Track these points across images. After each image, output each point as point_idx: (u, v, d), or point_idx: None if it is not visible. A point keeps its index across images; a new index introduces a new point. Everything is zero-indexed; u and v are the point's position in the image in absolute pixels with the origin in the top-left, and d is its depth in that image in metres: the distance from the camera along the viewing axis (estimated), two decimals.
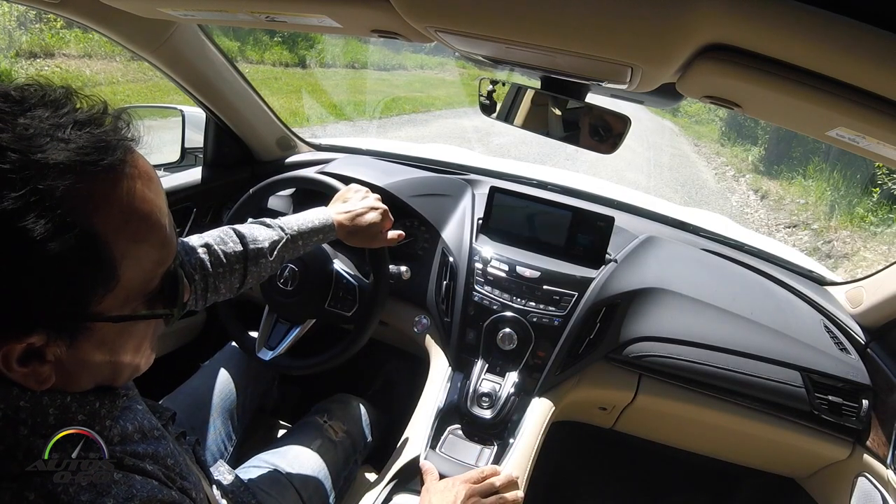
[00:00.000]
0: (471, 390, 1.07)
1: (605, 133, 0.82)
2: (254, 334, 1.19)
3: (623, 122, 0.80)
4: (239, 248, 0.84)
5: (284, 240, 0.88)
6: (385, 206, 1.00)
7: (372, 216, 0.97)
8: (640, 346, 1.13)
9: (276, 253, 0.87)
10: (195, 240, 0.83)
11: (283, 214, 1.37)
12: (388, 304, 1.17)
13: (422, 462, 0.93)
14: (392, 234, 1.01)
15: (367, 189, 1.03)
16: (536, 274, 1.14)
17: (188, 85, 1.24)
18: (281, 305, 1.19)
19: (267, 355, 1.16)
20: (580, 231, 1.19)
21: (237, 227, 0.87)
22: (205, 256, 0.81)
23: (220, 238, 0.84)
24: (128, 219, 0.41)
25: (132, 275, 0.42)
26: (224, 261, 0.83)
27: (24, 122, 0.36)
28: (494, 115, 0.95)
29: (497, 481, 0.86)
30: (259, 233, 0.87)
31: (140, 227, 0.42)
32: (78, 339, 0.42)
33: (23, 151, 0.35)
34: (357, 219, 0.96)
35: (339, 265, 1.19)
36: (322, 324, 1.21)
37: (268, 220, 0.90)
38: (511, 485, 0.88)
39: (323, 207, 0.97)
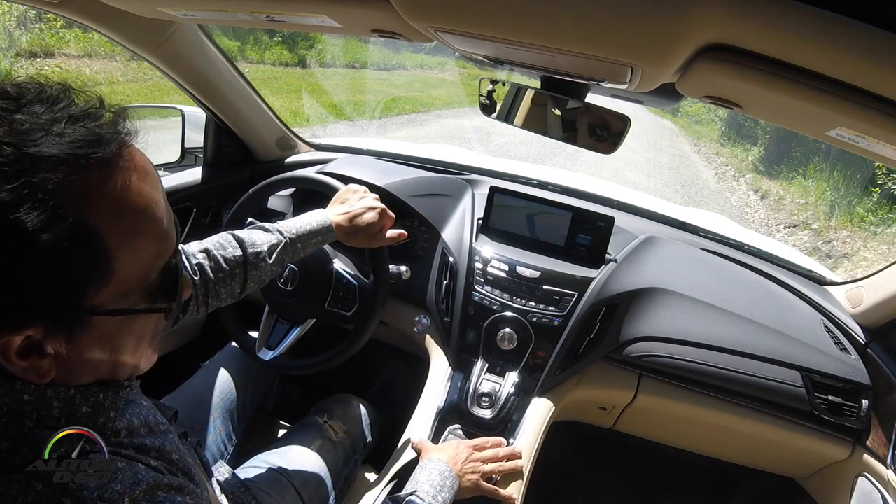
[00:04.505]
0: (471, 390, 1.07)
1: (604, 133, 0.82)
2: (254, 334, 1.19)
3: (623, 122, 0.80)
4: (238, 252, 0.85)
5: (283, 243, 0.89)
6: (383, 206, 1.00)
7: (370, 216, 0.97)
8: (640, 346, 1.13)
9: (275, 257, 0.88)
10: (195, 246, 0.83)
11: (282, 214, 1.37)
12: (388, 303, 1.17)
13: (414, 443, 0.95)
14: (392, 233, 1.01)
15: (365, 189, 1.03)
16: (536, 274, 1.14)
17: (188, 85, 1.24)
18: (281, 305, 1.19)
19: (267, 355, 1.16)
20: (580, 231, 1.19)
21: (236, 232, 0.88)
22: (205, 262, 0.82)
23: (219, 244, 0.84)
24: (122, 212, 0.41)
25: (129, 268, 0.42)
26: (224, 266, 0.83)
27: (19, 118, 0.37)
28: (494, 114, 0.95)
29: (500, 452, 0.93)
30: (258, 237, 0.88)
31: (136, 220, 0.42)
32: (76, 333, 0.42)
33: (17, 145, 0.36)
34: (355, 219, 0.96)
35: (339, 265, 1.19)
36: (322, 324, 1.21)
37: (266, 225, 0.91)
38: (513, 456, 0.94)
39: (321, 209, 0.97)
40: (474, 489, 0.88)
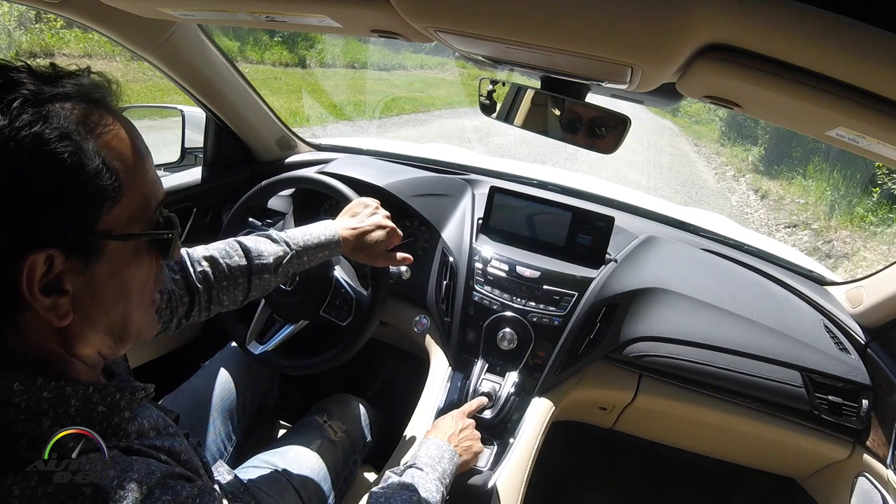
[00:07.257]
0: (471, 390, 1.07)
1: (605, 133, 0.82)
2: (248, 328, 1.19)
3: (623, 122, 0.80)
4: (244, 262, 0.84)
5: (289, 256, 0.88)
6: (392, 224, 0.98)
7: (378, 234, 0.95)
8: (640, 346, 1.13)
9: (280, 269, 0.88)
10: (200, 251, 0.83)
11: (282, 213, 1.37)
12: (387, 303, 1.16)
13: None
14: (399, 256, 0.99)
15: (377, 203, 1.01)
16: (536, 274, 1.14)
17: (188, 85, 1.24)
18: (277, 303, 1.19)
19: (257, 349, 1.16)
20: (580, 231, 1.19)
21: (243, 240, 0.87)
22: (209, 269, 0.82)
23: (225, 251, 0.84)
24: (122, 143, 0.46)
25: (133, 192, 0.46)
26: (228, 274, 0.83)
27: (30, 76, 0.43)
28: (494, 115, 0.95)
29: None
30: (264, 247, 0.87)
31: (134, 154, 0.47)
32: (91, 262, 0.44)
33: (37, 84, 0.42)
34: (364, 236, 0.95)
35: (340, 272, 1.19)
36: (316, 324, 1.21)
37: (274, 234, 0.90)
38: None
39: (330, 221, 0.96)
40: (475, 457, 0.93)
